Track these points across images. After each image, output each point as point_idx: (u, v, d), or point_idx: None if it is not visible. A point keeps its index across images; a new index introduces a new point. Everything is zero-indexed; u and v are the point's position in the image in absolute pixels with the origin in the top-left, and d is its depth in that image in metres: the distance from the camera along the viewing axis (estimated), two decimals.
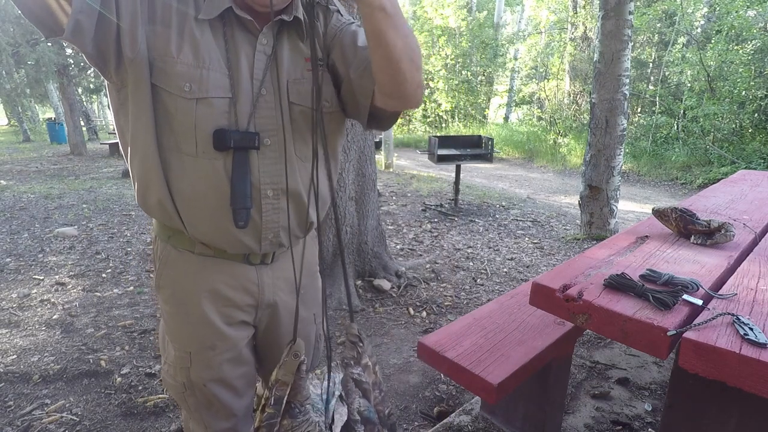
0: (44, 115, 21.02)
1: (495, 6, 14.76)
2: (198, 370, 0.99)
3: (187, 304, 0.97)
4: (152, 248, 1.02)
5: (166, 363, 1.04)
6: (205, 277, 0.96)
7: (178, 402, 1.09)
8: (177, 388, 1.03)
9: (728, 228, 1.41)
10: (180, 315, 0.98)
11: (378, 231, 3.14)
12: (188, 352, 0.99)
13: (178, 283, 0.97)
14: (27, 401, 1.90)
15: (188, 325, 0.98)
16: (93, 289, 3.01)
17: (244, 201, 0.88)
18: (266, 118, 0.90)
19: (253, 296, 1.01)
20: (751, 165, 7.10)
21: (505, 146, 11.01)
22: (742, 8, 8.30)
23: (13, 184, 6.56)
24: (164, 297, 1.00)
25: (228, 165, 0.87)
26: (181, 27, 0.83)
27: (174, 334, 1.00)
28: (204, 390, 1.01)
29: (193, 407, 1.04)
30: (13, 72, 10.69)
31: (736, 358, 0.82)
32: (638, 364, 2.16)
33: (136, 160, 0.89)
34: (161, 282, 0.99)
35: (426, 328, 2.57)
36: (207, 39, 0.85)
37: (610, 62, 3.82)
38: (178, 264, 0.97)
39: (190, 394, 1.02)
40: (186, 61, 0.83)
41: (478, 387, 1.28)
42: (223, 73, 0.86)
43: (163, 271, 0.98)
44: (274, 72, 0.90)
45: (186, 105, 0.84)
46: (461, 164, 5.23)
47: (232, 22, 0.87)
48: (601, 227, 4.12)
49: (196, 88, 0.83)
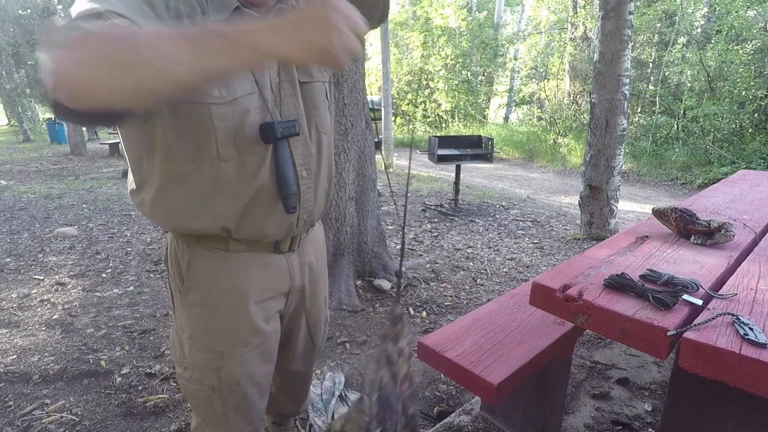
0: (44, 115, 21.00)
1: (495, 6, 14.74)
2: (231, 369, 1.00)
3: (221, 303, 0.98)
4: (173, 254, 1.01)
5: (188, 369, 1.03)
6: (241, 272, 0.98)
7: (199, 408, 1.08)
8: (203, 392, 1.02)
9: (728, 228, 1.41)
10: (213, 315, 0.98)
11: (378, 231, 3.14)
12: (221, 351, 0.99)
13: (212, 282, 0.97)
14: (27, 401, 1.90)
15: (224, 324, 0.98)
16: (93, 289, 3.01)
17: (291, 187, 0.92)
18: (289, 103, 0.94)
19: (285, 283, 1.06)
20: (751, 165, 7.10)
21: (505, 146, 11.01)
22: (742, 8, 8.30)
23: (13, 184, 6.55)
24: (193, 300, 0.98)
25: (270, 156, 0.90)
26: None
27: (205, 336, 0.99)
28: (235, 390, 1.02)
29: (220, 411, 1.04)
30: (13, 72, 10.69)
31: (736, 358, 0.82)
32: (638, 364, 2.16)
33: (175, 188, 0.89)
34: (191, 285, 0.98)
35: (426, 328, 2.57)
36: None
37: (610, 62, 3.82)
38: (211, 264, 0.97)
39: (218, 397, 1.02)
40: None
41: (478, 387, 1.28)
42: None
43: (194, 274, 0.97)
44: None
45: (221, 111, 0.84)
46: (461, 164, 5.22)
47: (238, 19, 0.87)
48: (601, 227, 4.12)
49: (225, 91, 0.84)
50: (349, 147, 2.78)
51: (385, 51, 7.95)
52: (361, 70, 2.81)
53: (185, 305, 1.00)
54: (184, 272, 0.98)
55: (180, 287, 0.99)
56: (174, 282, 1.01)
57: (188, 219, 0.91)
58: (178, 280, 1.00)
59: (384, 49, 7.96)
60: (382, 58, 8.07)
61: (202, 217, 0.91)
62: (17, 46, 9.44)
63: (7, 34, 9.45)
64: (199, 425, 1.12)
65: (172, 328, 1.07)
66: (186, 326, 1.01)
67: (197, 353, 1.00)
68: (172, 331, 1.07)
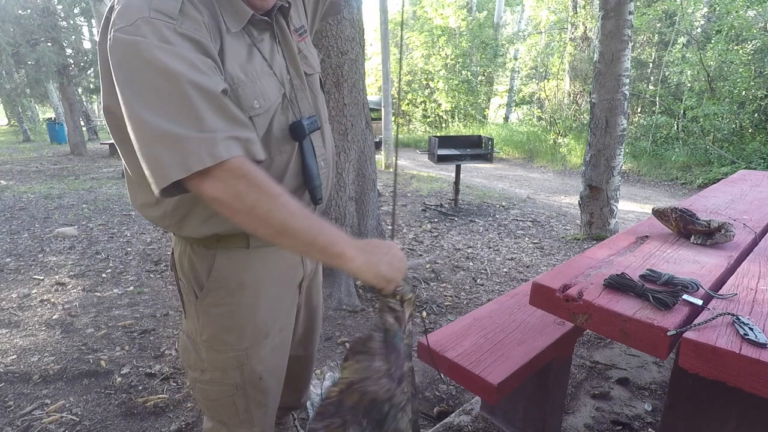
0: (44, 115, 21.02)
1: (495, 6, 14.75)
2: (254, 364, 1.01)
3: (246, 298, 0.99)
4: (179, 262, 1.01)
5: (206, 371, 1.02)
6: (262, 266, 1.00)
7: (218, 410, 1.07)
8: (224, 392, 1.03)
9: (728, 228, 1.41)
10: (235, 313, 0.99)
11: (378, 231, 3.14)
12: (244, 348, 1.00)
13: (235, 280, 0.98)
14: (27, 401, 1.90)
15: (248, 319, 1.00)
16: (93, 289, 3.01)
17: (316, 179, 0.97)
18: (303, 99, 0.97)
19: (299, 272, 1.10)
20: (751, 165, 7.10)
21: (505, 146, 11.01)
22: (742, 8, 8.30)
23: (13, 184, 6.55)
24: (214, 301, 0.98)
25: (296, 151, 0.94)
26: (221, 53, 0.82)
27: (228, 335, 0.99)
28: (258, 385, 1.03)
29: (243, 408, 1.05)
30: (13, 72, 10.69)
31: (736, 358, 0.82)
32: (638, 364, 2.16)
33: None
34: (213, 286, 0.97)
35: (426, 328, 2.57)
36: (242, 50, 0.86)
37: (610, 62, 3.82)
38: (233, 263, 0.97)
39: (241, 395, 1.03)
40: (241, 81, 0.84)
41: (478, 387, 1.28)
42: (269, 74, 0.89)
43: (216, 275, 0.97)
44: (289, 54, 0.96)
45: (260, 120, 0.87)
46: (461, 164, 5.22)
47: (248, 25, 0.89)
48: (601, 227, 4.12)
49: (263, 100, 0.86)
50: (349, 147, 2.78)
51: (385, 51, 7.95)
52: (361, 70, 2.80)
53: (203, 307, 0.99)
54: (203, 276, 0.97)
55: (197, 292, 0.98)
56: (187, 287, 1.00)
57: (217, 225, 0.92)
58: (194, 284, 0.99)
59: (384, 49, 7.96)
60: (382, 58, 8.08)
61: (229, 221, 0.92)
62: (17, 46, 9.43)
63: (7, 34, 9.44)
64: (215, 427, 1.11)
65: (182, 334, 1.07)
66: (204, 329, 1.00)
67: (216, 354, 1.00)
68: (183, 337, 1.06)
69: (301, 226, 0.74)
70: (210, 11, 0.81)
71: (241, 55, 0.85)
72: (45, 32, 9.92)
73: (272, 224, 0.73)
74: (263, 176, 0.73)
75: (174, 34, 0.72)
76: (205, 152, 0.69)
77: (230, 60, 0.82)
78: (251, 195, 0.71)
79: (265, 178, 0.74)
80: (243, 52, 0.85)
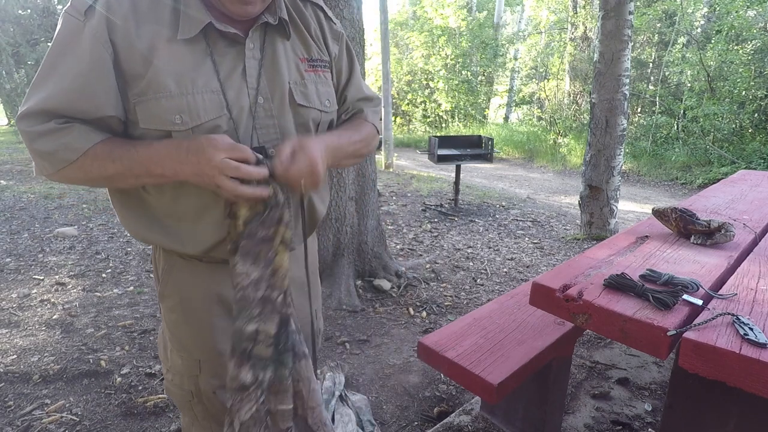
0: None
1: (495, 6, 14.74)
2: (207, 378, 0.97)
3: (196, 311, 0.95)
4: (153, 257, 1.01)
5: (170, 372, 1.02)
6: (215, 282, 0.95)
7: (183, 410, 1.08)
8: (183, 397, 1.01)
9: (728, 228, 1.41)
10: (188, 323, 0.96)
11: (378, 231, 3.14)
12: (197, 359, 0.97)
13: (186, 290, 0.95)
14: (27, 401, 1.90)
15: (198, 332, 0.96)
16: (93, 289, 3.01)
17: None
18: (266, 127, 0.88)
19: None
20: (751, 165, 7.10)
21: (505, 146, 11.00)
22: (742, 8, 8.30)
23: (13, 184, 6.55)
24: (169, 306, 0.97)
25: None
26: (148, 59, 0.79)
27: (181, 343, 0.98)
28: (212, 398, 0.99)
29: (201, 416, 1.02)
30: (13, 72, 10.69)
31: (736, 358, 0.82)
32: (638, 364, 2.16)
33: (137, 208, 0.91)
34: (166, 291, 0.97)
35: (426, 328, 2.57)
36: (187, 60, 0.81)
37: (610, 62, 3.82)
38: (185, 272, 0.95)
39: (197, 402, 1.00)
40: (167, 92, 0.79)
41: (478, 387, 1.28)
42: (213, 91, 0.82)
43: (168, 279, 0.96)
44: (269, 76, 0.88)
45: (183, 137, 0.80)
46: (461, 164, 5.22)
47: (215, 36, 0.84)
48: (601, 227, 4.12)
49: (188, 117, 0.80)
50: None
51: (385, 51, 7.95)
52: (361, 71, 2.80)
53: (164, 308, 0.99)
54: (163, 276, 0.97)
55: (162, 291, 0.98)
56: (156, 284, 1.00)
57: (162, 237, 0.91)
58: (158, 283, 0.99)
59: (384, 49, 7.96)
60: (382, 58, 8.07)
61: (177, 237, 0.91)
62: (17, 46, 9.44)
63: (7, 34, 9.45)
64: (187, 425, 1.10)
65: (160, 327, 1.06)
66: (167, 329, 1.00)
67: (177, 357, 0.99)
68: (160, 330, 1.06)
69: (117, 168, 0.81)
70: (155, 15, 0.80)
71: (183, 63, 0.80)
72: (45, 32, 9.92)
73: (95, 178, 0.82)
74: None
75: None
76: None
77: (163, 68, 0.79)
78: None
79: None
80: (189, 61, 0.81)
